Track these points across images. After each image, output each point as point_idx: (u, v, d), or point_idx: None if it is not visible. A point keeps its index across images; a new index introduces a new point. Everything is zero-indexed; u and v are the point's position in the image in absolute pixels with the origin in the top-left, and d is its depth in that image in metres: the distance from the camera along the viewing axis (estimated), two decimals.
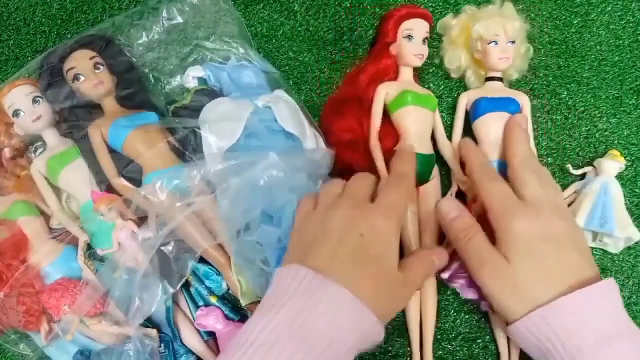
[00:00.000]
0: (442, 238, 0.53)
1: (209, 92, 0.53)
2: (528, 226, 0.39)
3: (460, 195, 0.55)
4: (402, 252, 0.53)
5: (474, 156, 0.48)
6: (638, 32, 0.61)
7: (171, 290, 0.47)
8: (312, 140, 0.52)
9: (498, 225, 0.41)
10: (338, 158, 0.53)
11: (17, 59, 0.60)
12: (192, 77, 0.54)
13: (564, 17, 0.61)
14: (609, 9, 0.61)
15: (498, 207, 0.41)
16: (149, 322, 0.49)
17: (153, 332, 0.47)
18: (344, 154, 0.53)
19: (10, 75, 0.56)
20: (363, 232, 0.37)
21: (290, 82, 0.58)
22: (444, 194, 0.55)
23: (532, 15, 0.60)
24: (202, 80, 0.55)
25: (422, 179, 0.53)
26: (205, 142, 0.49)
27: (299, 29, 0.60)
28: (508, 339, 0.52)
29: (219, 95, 0.54)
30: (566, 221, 0.41)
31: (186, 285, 0.51)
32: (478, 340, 0.54)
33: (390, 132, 0.54)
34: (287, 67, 0.59)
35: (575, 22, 0.61)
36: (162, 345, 0.48)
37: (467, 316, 0.54)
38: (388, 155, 0.53)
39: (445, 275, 0.49)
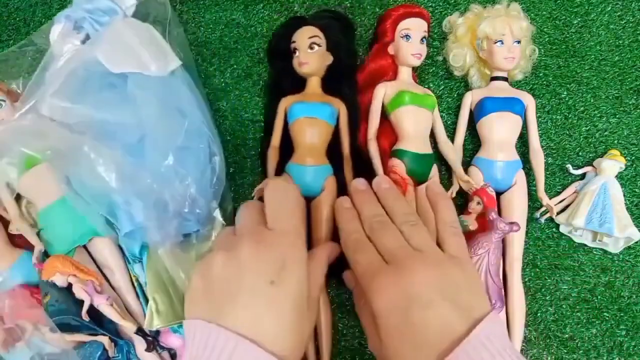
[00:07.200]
0: None
1: None
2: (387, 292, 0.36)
3: (461, 195, 0.55)
4: None
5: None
6: (638, 32, 0.61)
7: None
8: (156, 63, 0.49)
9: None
10: None
11: (17, 59, 0.60)
12: (57, 33, 0.52)
13: (564, 17, 0.61)
14: (609, 9, 0.61)
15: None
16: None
17: (105, 339, 0.45)
18: None
19: None
20: (273, 278, 0.34)
21: None
22: None
23: (532, 15, 0.60)
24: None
25: (420, 178, 0.53)
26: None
27: None
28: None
29: None
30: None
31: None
32: None
33: (388, 131, 0.54)
34: None
35: (575, 22, 0.61)
36: (116, 350, 0.47)
37: None
38: (385, 155, 0.53)
39: None
